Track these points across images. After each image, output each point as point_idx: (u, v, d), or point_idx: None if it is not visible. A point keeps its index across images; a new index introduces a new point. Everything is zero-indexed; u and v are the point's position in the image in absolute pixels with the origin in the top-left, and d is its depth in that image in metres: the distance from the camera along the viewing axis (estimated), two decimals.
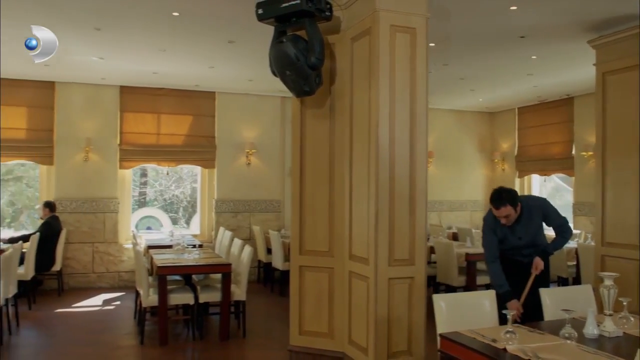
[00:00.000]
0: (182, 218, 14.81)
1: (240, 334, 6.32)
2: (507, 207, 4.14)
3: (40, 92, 8.78)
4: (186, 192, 15.29)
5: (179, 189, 15.12)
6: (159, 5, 5.42)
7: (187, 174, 13.98)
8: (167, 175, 11.04)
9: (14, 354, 5.79)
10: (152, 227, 11.84)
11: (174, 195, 15.17)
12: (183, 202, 15.21)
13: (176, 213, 14.89)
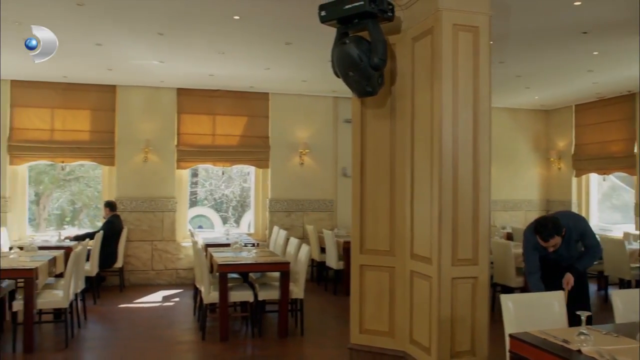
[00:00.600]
0: (232, 217, 15.09)
1: (298, 331, 6.42)
2: (555, 237, 4.39)
3: (102, 95, 9.11)
4: (235, 192, 15.57)
5: (228, 188, 15.40)
6: (221, 9, 5.55)
7: (237, 174, 14.22)
8: (222, 175, 11.20)
9: (84, 346, 6.04)
10: (203, 226, 12.11)
11: (223, 195, 15.46)
12: (232, 201, 15.48)
13: (226, 212, 15.17)
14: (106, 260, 8.33)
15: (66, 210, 14.65)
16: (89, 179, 14.07)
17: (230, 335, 6.21)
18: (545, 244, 4.44)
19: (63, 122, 8.99)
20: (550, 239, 4.39)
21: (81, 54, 7.21)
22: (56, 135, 8.97)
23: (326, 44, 6.63)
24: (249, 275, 7.00)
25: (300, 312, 6.46)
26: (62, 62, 7.64)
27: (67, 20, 5.83)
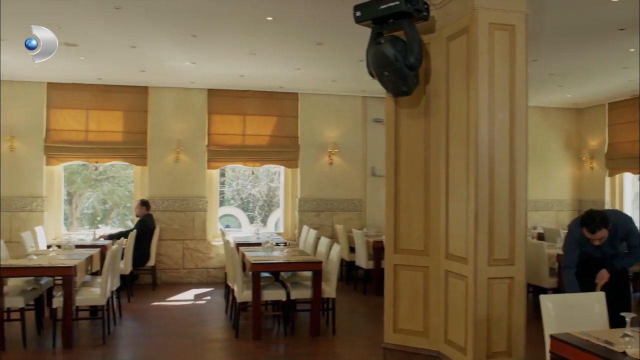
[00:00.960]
0: (259, 216, 15.19)
1: (330, 330, 6.45)
2: (602, 230, 4.32)
3: (135, 96, 9.26)
4: (262, 191, 15.68)
5: (255, 188, 15.51)
6: (255, 10, 5.60)
7: (263, 173, 14.33)
8: (251, 175, 11.26)
9: (120, 343, 6.16)
10: (231, 226, 12.23)
11: (250, 194, 15.58)
12: (259, 200, 15.59)
13: (252, 211, 15.29)
14: (139, 259, 8.47)
15: (97, 210, 14.95)
16: (119, 179, 14.32)
17: (263, 334, 6.26)
18: (592, 235, 4.35)
19: (97, 123, 9.16)
20: (597, 231, 4.31)
21: (116, 56, 7.35)
22: (90, 136, 9.15)
23: (357, 44, 6.65)
24: (279, 274, 7.07)
25: (332, 312, 6.49)
26: (98, 64, 7.82)
27: (105, 23, 5.95)
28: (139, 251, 8.41)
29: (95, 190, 14.60)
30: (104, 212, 15.01)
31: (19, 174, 8.91)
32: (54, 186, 9.27)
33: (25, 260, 6.09)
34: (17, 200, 8.91)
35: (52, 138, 9.02)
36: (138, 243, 8.32)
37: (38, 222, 8.90)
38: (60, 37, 6.38)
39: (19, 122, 8.89)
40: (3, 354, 5.59)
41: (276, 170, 12.09)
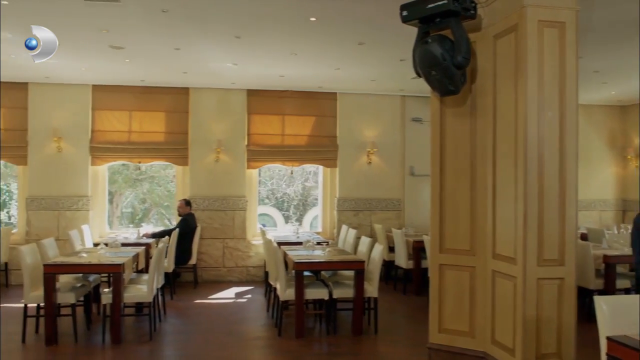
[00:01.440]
0: (294, 216, 15.27)
1: (372, 330, 6.46)
2: None
3: (176, 97, 9.43)
4: (297, 191, 15.76)
5: (290, 187, 15.60)
6: (298, 11, 5.64)
7: (298, 173, 14.39)
8: (290, 175, 11.31)
9: (166, 339, 6.28)
10: (266, 225, 12.30)
11: (285, 194, 15.67)
12: (294, 200, 15.68)
13: (287, 211, 15.38)
14: (181, 257, 8.62)
15: (137, 209, 15.25)
16: (159, 179, 14.59)
17: (305, 332, 6.30)
18: None
19: (140, 124, 9.36)
20: None
21: (160, 58, 7.50)
22: (133, 136, 9.35)
23: (398, 43, 6.68)
24: (320, 273, 7.11)
25: (374, 311, 6.49)
26: (142, 66, 7.98)
27: (152, 26, 6.07)
28: (181, 249, 8.55)
29: (135, 189, 14.91)
30: (143, 211, 15.32)
31: (66, 174, 9.17)
32: (99, 186, 9.50)
33: (76, 258, 6.27)
34: (64, 200, 9.16)
35: (97, 139, 9.25)
36: (180, 241, 8.47)
37: (84, 221, 9.14)
38: (107, 40, 6.62)
39: (66, 123, 9.14)
40: (56, 348, 5.76)
41: (311, 170, 12.14)
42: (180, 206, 9.00)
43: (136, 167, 12.68)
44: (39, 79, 8.88)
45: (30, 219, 9.12)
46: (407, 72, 8.01)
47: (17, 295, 8.26)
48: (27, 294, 5.96)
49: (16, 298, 8.12)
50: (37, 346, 5.90)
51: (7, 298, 8.19)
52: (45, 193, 9.12)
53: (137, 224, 11.50)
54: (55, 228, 9.11)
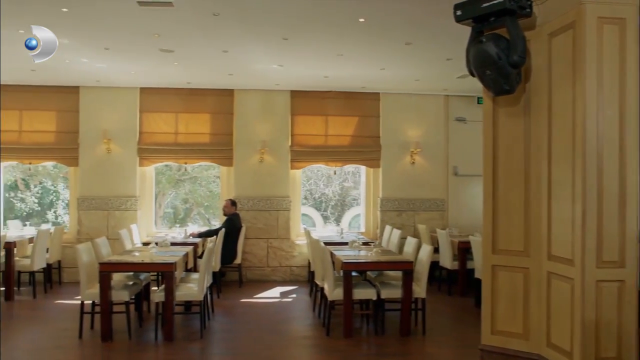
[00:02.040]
0: (331, 216, 15.32)
1: (419, 330, 6.43)
2: None
3: (221, 99, 9.57)
4: (335, 191, 15.79)
5: (327, 187, 15.65)
6: (348, 12, 5.67)
7: (337, 174, 14.42)
8: (334, 175, 11.32)
9: (216, 337, 6.36)
10: (306, 225, 12.36)
11: (322, 194, 15.73)
12: (332, 200, 15.72)
13: (325, 211, 15.43)
14: (227, 257, 8.73)
15: (179, 209, 15.54)
16: (201, 179, 14.83)
17: (353, 332, 6.31)
18: None
19: (186, 125, 9.53)
20: None
21: (208, 60, 7.62)
22: (180, 138, 9.52)
23: (445, 43, 6.66)
24: (366, 273, 7.12)
25: (422, 312, 6.46)
26: (189, 69, 8.13)
27: (202, 29, 6.18)
28: (227, 249, 8.66)
29: (177, 189, 15.20)
30: (185, 211, 15.60)
31: (115, 175, 9.41)
32: (146, 186, 9.71)
33: (129, 257, 6.42)
34: (113, 200, 9.39)
35: (144, 140, 9.46)
36: (226, 241, 8.58)
37: (132, 221, 9.35)
38: (158, 44, 6.76)
39: (115, 125, 9.37)
40: (111, 344, 5.92)
41: (350, 170, 12.11)
42: (226, 206, 9.12)
43: (178, 168, 12.94)
44: (90, 83, 9.13)
45: (81, 219, 9.38)
46: (453, 71, 8.04)
47: (69, 292, 8.54)
48: (83, 291, 6.14)
49: (69, 295, 8.39)
50: (93, 342, 6.07)
51: (60, 295, 8.44)
52: (95, 193, 9.37)
53: (182, 224, 11.72)
54: (104, 227, 9.35)
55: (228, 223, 8.84)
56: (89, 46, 6.96)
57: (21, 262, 8.17)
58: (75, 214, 9.49)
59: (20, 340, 6.24)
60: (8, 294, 7.88)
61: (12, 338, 6.34)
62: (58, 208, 15.04)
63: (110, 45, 6.89)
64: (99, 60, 7.59)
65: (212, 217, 14.17)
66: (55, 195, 15.19)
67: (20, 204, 14.49)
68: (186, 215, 15.33)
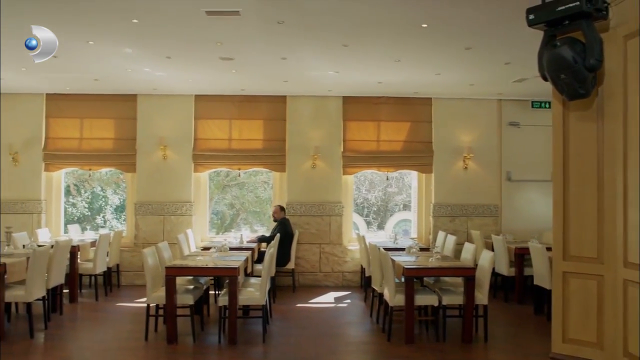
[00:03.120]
0: (374, 222, 15.25)
1: (481, 337, 6.36)
2: None
3: (274, 105, 9.68)
4: (378, 196, 15.73)
5: (370, 193, 15.60)
6: (410, 18, 5.67)
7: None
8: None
9: (277, 342, 6.39)
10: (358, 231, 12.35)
11: (365, 199, 15.69)
12: (374, 206, 15.66)
13: (367, 217, 15.38)
14: (280, 261, 8.78)
15: (226, 214, 15.73)
16: (249, 184, 14.99)
17: (415, 338, 6.28)
18: None
19: (239, 131, 9.68)
20: None
21: (266, 67, 7.72)
22: (233, 144, 9.67)
23: (505, 47, 6.63)
24: (423, 279, 7.09)
25: (484, 319, 6.38)
26: (246, 76, 8.25)
27: (266, 37, 6.28)
28: (280, 253, 8.70)
29: (225, 195, 15.40)
30: (232, 216, 15.78)
31: (171, 181, 9.61)
32: (200, 192, 9.89)
33: (193, 261, 6.54)
34: (168, 205, 9.59)
35: (199, 147, 9.64)
36: (280, 246, 8.64)
37: (187, 226, 9.53)
38: (219, 52, 6.88)
39: (171, 132, 9.58)
40: (176, 347, 6.03)
41: (394, 175, 12.00)
42: (275, 212, 9.16)
43: (226, 174, 13.10)
44: (147, 91, 9.36)
45: (138, 224, 9.60)
46: (510, 75, 7.97)
47: (128, 295, 8.76)
48: (149, 294, 6.27)
49: (128, 297, 8.61)
50: (159, 344, 6.19)
51: (120, 297, 8.66)
52: (151, 199, 9.59)
53: (227, 230, 11.86)
54: (160, 232, 9.56)
55: (281, 228, 8.91)
56: (152, 55, 7.14)
57: (83, 266, 8.40)
58: (132, 219, 9.72)
59: (89, 341, 6.42)
60: (72, 296, 8.11)
61: (81, 338, 6.54)
62: (106, 213, 15.42)
63: (172, 54, 7.05)
64: (160, 68, 7.78)
65: (258, 223, 14.30)
66: (104, 201, 15.58)
67: (72, 209, 14.92)
68: (232, 221, 15.52)
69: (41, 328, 6.59)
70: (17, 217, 9.47)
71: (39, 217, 9.58)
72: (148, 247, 8.15)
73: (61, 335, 6.58)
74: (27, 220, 9.47)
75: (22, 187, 9.57)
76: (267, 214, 12.48)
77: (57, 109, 9.64)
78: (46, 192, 9.74)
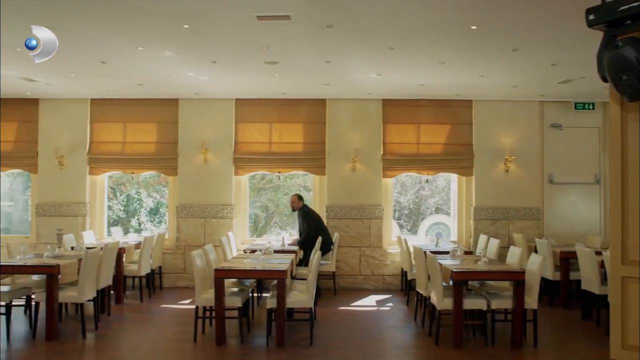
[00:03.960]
0: (406, 225, 15.17)
1: (530, 342, 6.27)
2: None
3: (314, 109, 9.72)
4: (410, 199, 15.65)
5: (402, 196, 15.53)
6: (460, 20, 5.64)
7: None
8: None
9: (324, 344, 6.35)
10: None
11: (397, 202, 15.60)
12: (406, 209, 15.58)
13: (399, 220, 15.30)
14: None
15: (260, 217, 15.83)
16: (284, 187, 15.07)
17: (463, 342, 6.23)
18: None
19: (279, 135, 9.73)
20: None
21: (309, 71, 7.75)
22: (274, 147, 9.73)
23: (552, 48, 6.55)
24: (468, 282, 7.02)
25: (534, 323, 6.29)
26: (288, 79, 8.30)
27: (315, 41, 6.31)
28: (324, 241, 8.60)
29: (259, 197, 15.49)
30: (265, 219, 15.87)
31: (212, 184, 9.71)
32: (241, 195, 9.97)
33: (241, 263, 6.58)
34: (210, 208, 9.69)
35: (239, 150, 9.72)
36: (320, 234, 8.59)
37: (228, 228, 9.62)
38: (265, 56, 6.93)
39: (212, 136, 9.69)
40: (225, 349, 6.08)
41: (426, 178, 11.84)
42: (293, 201, 8.92)
43: (262, 177, 13.17)
44: (189, 95, 9.48)
45: (180, 226, 9.72)
46: (555, 76, 7.87)
47: (170, 297, 8.88)
48: (198, 296, 6.34)
49: (171, 299, 8.73)
50: (207, 346, 6.25)
51: (163, 299, 8.77)
52: (193, 202, 9.70)
53: (261, 233, 11.92)
54: (202, 235, 9.66)
55: (307, 218, 8.72)
56: (197, 60, 7.22)
57: (128, 267, 8.54)
58: (173, 222, 9.85)
59: (140, 342, 6.54)
60: (118, 297, 8.25)
61: (131, 339, 6.64)
62: (141, 215, 15.65)
63: (217, 58, 7.13)
64: (204, 73, 7.87)
65: (291, 225, 14.36)
66: (139, 203, 15.82)
67: (108, 211, 15.20)
68: (266, 224, 15.61)
69: (91, 328, 6.71)
70: (62, 220, 9.68)
71: (84, 219, 9.77)
72: (189, 249, 8.31)
73: (111, 335, 6.70)
74: (72, 222, 9.66)
75: (68, 190, 9.78)
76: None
77: (101, 113, 9.82)
78: (90, 195, 9.93)
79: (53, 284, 6.29)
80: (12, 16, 5.51)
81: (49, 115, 9.82)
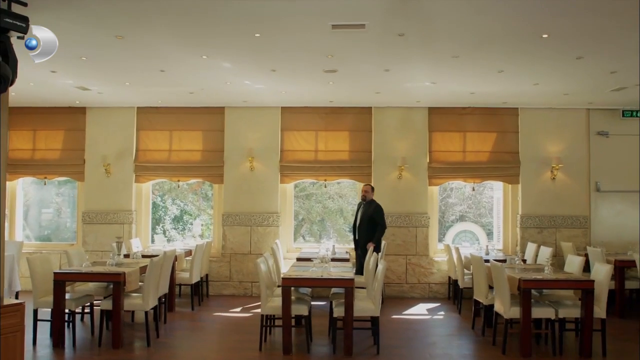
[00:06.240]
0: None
1: (599, 352, 6.23)
2: None
3: (360, 117, 9.75)
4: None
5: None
6: (533, 29, 5.62)
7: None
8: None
9: (390, 353, 6.31)
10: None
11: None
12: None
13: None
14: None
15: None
16: (317, 195, 15.06)
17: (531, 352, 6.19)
18: None
19: (325, 143, 9.75)
20: None
21: (365, 79, 7.76)
22: (320, 155, 9.75)
23: (614, 56, 6.52)
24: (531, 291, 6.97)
25: (602, 333, 6.25)
26: (341, 87, 8.28)
27: (384, 49, 6.32)
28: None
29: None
30: (295, 226, 15.86)
31: (258, 192, 9.74)
32: (286, 203, 9.97)
33: (306, 272, 6.56)
34: (256, 216, 9.71)
35: (285, 158, 9.74)
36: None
37: (274, 236, 9.63)
38: (325, 65, 6.95)
39: (258, 144, 9.73)
40: (292, 357, 6.07)
41: (453, 186, 11.75)
42: (367, 191, 8.67)
43: (295, 185, 13.15)
44: (237, 103, 9.53)
45: (226, 234, 9.73)
46: (609, 84, 7.85)
47: (218, 305, 8.91)
48: (264, 304, 6.34)
49: (220, 307, 8.75)
50: (274, 355, 6.25)
51: (213, 307, 8.78)
52: (239, 210, 9.72)
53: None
54: (247, 243, 9.68)
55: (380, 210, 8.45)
56: (257, 68, 7.22)
57: (180, 275, 8.56)
58: (219, 230, 9.87)
59: (206, 351, 6.52)
60: (170, 305, 8.25)
61: (197, 348, 6.61)
62: (165, 223, 15.69)
63: (278, 66, 7.15)
64: (261, 81, 7.89)
65: (321, 232, 14.34)
66: (164, 211, 15.85)
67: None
68: (296, 231, 15.59)
69: (153, 336, 6.71)
70: (109, 227, 9.74)
71: (130, 227, 9.82)
72: (235, 257, 8.31)
73: (176, 344, 6.71)
74: (118, 230, 9.70)
75: (114, 198, 9.84)
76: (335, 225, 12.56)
77: (148, 121, 9.88)
78: (136, 202, 9.97)
79: (119, 292, 6.32)
80: (88, 27, 5.58)
81: (96, 124, 9.89)
